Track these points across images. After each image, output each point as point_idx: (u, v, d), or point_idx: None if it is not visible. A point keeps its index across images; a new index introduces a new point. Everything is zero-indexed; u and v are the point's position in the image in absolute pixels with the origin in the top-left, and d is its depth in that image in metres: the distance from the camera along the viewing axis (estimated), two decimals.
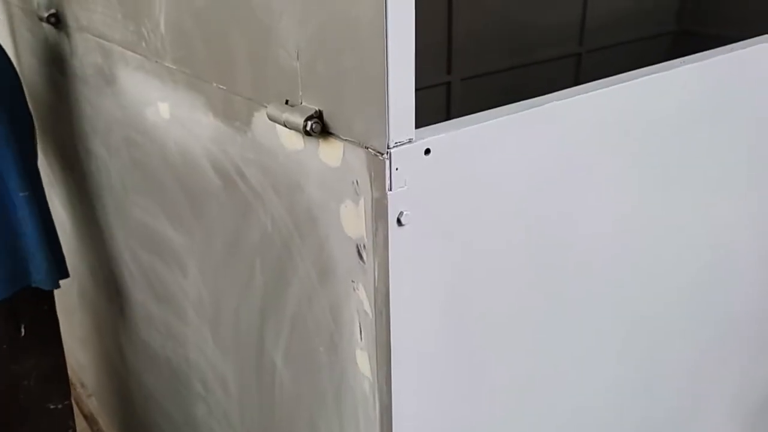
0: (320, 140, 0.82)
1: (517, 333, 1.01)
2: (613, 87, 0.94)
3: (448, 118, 1.04)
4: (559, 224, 0.98)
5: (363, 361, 0.89)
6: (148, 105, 1.24)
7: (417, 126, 0.77)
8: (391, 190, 0.76)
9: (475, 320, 0.93)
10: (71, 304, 2.29)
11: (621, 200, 1.07)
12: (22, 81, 1.60)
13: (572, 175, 0.96)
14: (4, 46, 1.53)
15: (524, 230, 0.94)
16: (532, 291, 1.00)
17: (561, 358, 1.11)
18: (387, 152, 0.74)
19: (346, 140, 0.79)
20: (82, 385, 2.59)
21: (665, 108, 1.05)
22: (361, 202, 0.79)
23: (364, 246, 0.81)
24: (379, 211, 0.77)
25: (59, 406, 1.75)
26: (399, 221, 0.78)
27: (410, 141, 0.75)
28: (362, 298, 0.85)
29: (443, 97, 2.70)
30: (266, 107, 0.87)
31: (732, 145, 1.23)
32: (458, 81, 2.66)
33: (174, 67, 1.10)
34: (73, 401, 1.83)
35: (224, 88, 0.99)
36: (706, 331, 1.48)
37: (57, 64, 1.62)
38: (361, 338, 0.88)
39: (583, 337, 1.14)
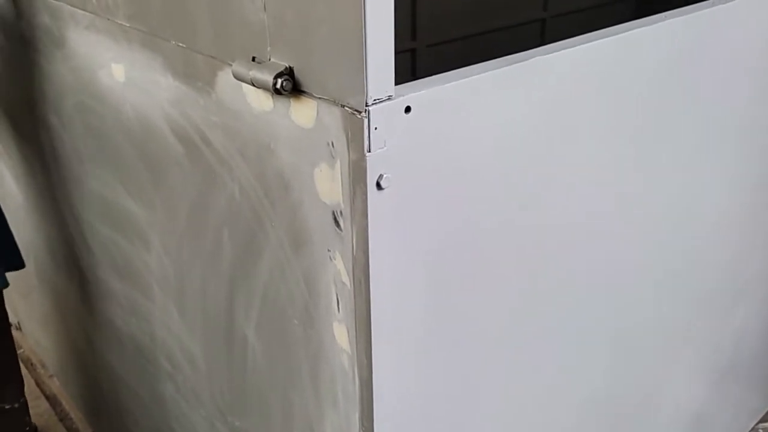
0: (291, 99, 0.76)
1: (502, 299, 0.97)
2: (601, 40, 0.90)
3: None
4: (542, 183, 0.95)
5: (341, 334, 0.84)
6: (101, 67, 1.16)
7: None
8: (369, 151, 0.70)
9: (459, 288, 0.89)
10: (29, 283, 2.19)
11: (602, 156, 1.04)
12: None
13: (556, 132, 0.92)
14: None
15: (508, 191, 0.90)
16: (517, 254, 0.96)
17: (544, 325, 1.09)
18: (365, 110, 0.68)
19: (320, 98, 0.73)
20: (43, 366, 2.51)
21: (649, 62, 1.02)
22: (337, 165, 0.74)
23: (341, 212, 0.76)
24: (356, 174, 0.72)
25: (15, 406, 1.67)
26: (378, 185, 0.73)
27: (390, 98, 0.70)
28: (339, 267, 0.80)
29: (408, 64, 2.65)
30: (231, 65, 0.81)
31: (709, 100, 1.21)
32: (423, 47, 2.61)
33: (128, 25, 1.03)
34: (26, 397, 1.75)
35: (184, 45, 0.92)
36: (680, 293, 1.47)
37: (1, 28, 1.52)
38: (338, 310, 0.83)
39: (565, 300, 1.11)
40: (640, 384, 1.53)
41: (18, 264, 1.59)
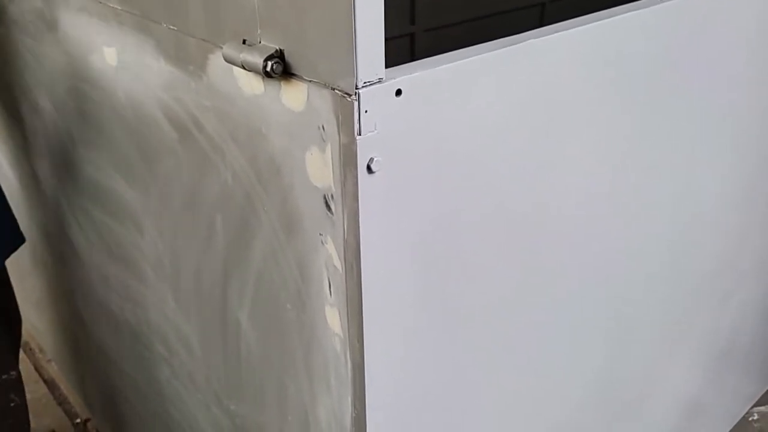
0: (282, 82, 0.76)
1: (494, 285, 0.97)
2: (593, 24, 0.89)
3: None
4: (536, 168, 0.94)
5: (333, 318, 0.85)
6: (93, 51, 1.15)
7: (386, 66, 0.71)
8: (360, 134, 0.70)
9: (450, 273, 0.89)
10: (24, 267, 2.19)
11: (596, 142, 1.03)
12: None
13: (549, 116, 0.92)
14: None
15: (500, 175, 0.89)
16: (509, 240, 0.96)
17: (537, 312, 1.09)
18: (355, 93, 0.68)
19: (310, 81, 0.72)
20: (41, 350, 2.51)
21: (645, 46, 1.01)
22: (328, 148, 0.74)
23: (332, 196, 0.76)
24: (347, 157, 0.72)
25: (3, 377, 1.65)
26: (369, 168, 0.72)
27: (380, 81, 0.69)
28: (331, 251, 0.80)
29: (407, 49, 2.64)
30: (222, 48, 0.80)
31: (706, 85, 1.20)
32: (422, 32, 2.59)
33: (119, 8, 1.02)
34: (20, 371, 1.74)
35: (175, 28, 0.91)
36: (676, 282, 1.47)
37: None
38: (330, 294, 0.83)
39: (558, 287, 1.11)
40: (636, 372, 1.53)
41: (19, 241, 1.59)
